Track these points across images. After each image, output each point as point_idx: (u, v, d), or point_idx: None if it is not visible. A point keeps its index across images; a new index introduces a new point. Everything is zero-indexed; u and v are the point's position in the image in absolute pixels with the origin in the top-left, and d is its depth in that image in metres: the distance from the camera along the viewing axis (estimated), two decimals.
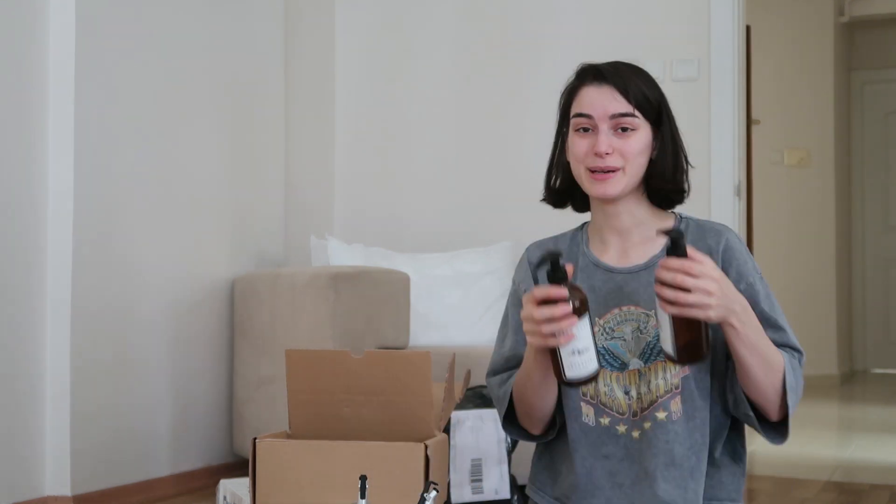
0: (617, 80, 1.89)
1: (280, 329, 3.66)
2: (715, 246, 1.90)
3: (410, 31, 4.72)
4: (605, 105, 1.89)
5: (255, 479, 2.13)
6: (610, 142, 1.88)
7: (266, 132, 4.23)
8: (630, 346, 1.89)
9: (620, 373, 1.89)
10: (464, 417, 3.11)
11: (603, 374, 1.88)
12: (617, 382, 1.89)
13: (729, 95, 4.15)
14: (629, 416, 1.88)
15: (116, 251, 3.49)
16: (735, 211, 4.12)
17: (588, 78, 1.93)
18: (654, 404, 1.86)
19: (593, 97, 1.90)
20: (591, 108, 1.89)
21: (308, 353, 2.16)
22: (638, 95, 1.89)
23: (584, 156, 1.90)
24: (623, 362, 1.89)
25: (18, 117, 3.25)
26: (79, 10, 3.33)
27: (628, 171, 1.89)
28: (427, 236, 4.53)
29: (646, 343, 1.88)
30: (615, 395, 1.89)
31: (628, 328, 1.89)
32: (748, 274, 1.89)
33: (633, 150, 1.89)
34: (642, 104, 1.90)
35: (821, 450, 4.89)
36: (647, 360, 1.87)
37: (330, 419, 2.15)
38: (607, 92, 1.89)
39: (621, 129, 1.88)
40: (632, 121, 1.88)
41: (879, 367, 8.49)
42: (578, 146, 1.91)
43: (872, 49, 8.51)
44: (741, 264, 1.89)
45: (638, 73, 1.93)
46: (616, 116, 1.88)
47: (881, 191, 8.48)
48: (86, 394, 3.34)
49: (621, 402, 1.89)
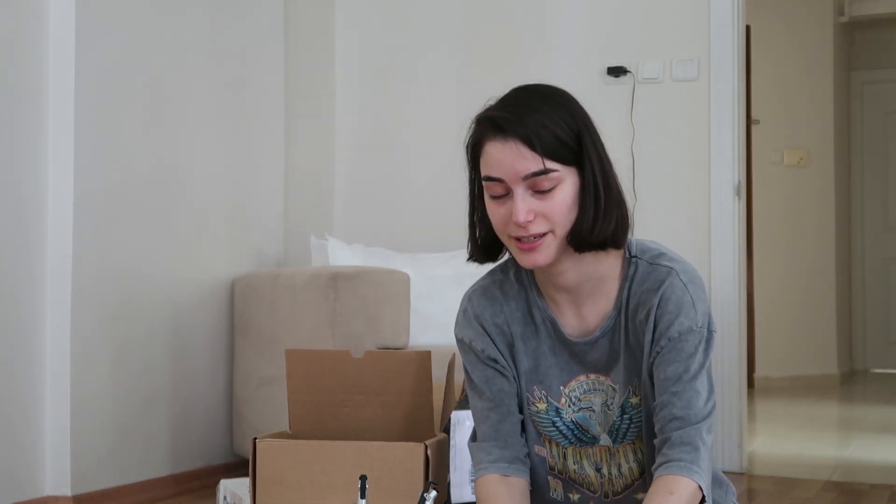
0: (519, 132, 1.57)
1: (280, 329, 3.66)
2: (653, 301, 1.63)
3: (410, 30, 4.72)
4: (514, 165, 1.57)
5: (255, 479, 2.13)
6: (529, 206, 1.57)
7: (266, 132, 4.23)
8: (599, 419, 1.69)
9: (590, 447, 1.71)
10: (464, 417, 3.10)
11: (572, 451, 1.72)
12: (587, 459, 1.72)
13: (729, 95, 4.15)
14: (601, 495, 1.72)
15: (116, 252, 3.49)
16: (735, 211, 4.12)
17: (489, 130, 1.60)
18: (629, 488, 1.71)
19: (499, 157, 1.58)
20: (500, 170, 1.58)
21: (308, 353, 2.17)
22: (547, 144, 1.57)
23: (504, 225, 1.61)
24: (593, 437, 1.70)
25: (18, 117, 3.25)
26: (79, 10, 3.33)
27: (559, 232, 1.60)
28: (427, 236, 4.53)
29: (612, 421, 1.69)
30: (585, 472, 1.72)
31: (598, 399, 1.69)
32: (676, 327, 1.61)
33: (557, 210, 1.58)
34: (556, 152, 1.57)
35: (821, 450, 4.90)
36: (615, 441, 1.69)
37: (330, 419, 2.15)
38: (513, 148, 1.57)
39: (539, 190, 1.58)
40: (548, 178, 1.57)
41: (879, 367, 8.49)
42: (496, 215, 1.61)
43: (872, 49, 8.51)
44: (672, 317, 1.61)
45: (543, 108, 1.59)
46: (529, 177, 1.57)
47: (881, 191, 8.48)
48: (86, 394, 3.34)
49: (592, 480, 1.73)
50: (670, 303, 1.62)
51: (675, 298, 1.62)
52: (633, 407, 1.66)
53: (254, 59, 4.17)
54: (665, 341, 1.61)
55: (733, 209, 4.12)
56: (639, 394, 1.65)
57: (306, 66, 4.57)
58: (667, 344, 1.61)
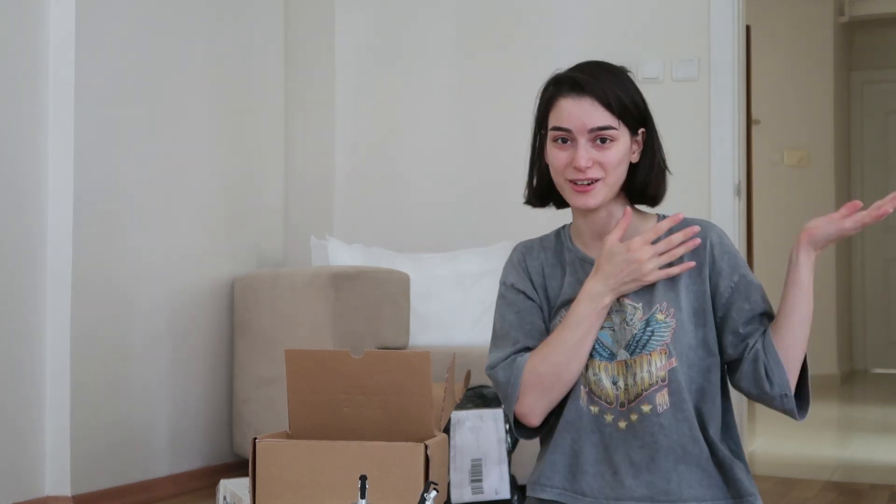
0: (597, 91, 1.89)
1: (280, 329, 3.66)
2: (703, 239, 1.91)
3: (410, 30, 4.72)
4: (584, 119, 1.88)
5: (255, 479, 2.13)
6: (589, 155, 1.88)
7: (266, 132, 4.23)
8: (617, 337, 1.92)
9: (609, 363, 1.92)
10: (464, 417, 3.11)
11: (591, 363, 1.92)
12: (605, 372, 1.92)
13: (729, 95, 4.15)
14: (616, 406, 1.91)
15: (116, 251, 3.49)
16: (735, 211, 4.12)
17: (565, 89, 1.91)
18: (639, 397, 1.89)
19: (571, 110, 1.89)
20: (570, 121, 1.89)
21: (308, 353, 2.16)
22: (619, 104, 1.89)
23: (564, 168, 1.91)
24: (612, 352, 1.92)
25: (18, 117, 3.25)
26: (79, 10, 3.33)
27: (608, 181, 1.90)
28: (427, 236, 4.53)
29: (632, 335, 1.90)
30: (603, 384, 1.91)
31: (616, 318, 1.92)
32: (740, 266, 1.92)
33: (612, 162, 1.89)
34: (624, 113, 1.90)
35: (821, 450, 4.90)
36: (632, 353, 1.90)
37: (330, 419, 2.15)
38: (586, 104, 1.88)
39: (600, 140, 1.88)
40: (611, 133, 1.88)
41: (879, 367, 8.50)
42: (557, 158, 1.91)
43: (872, 49, 8.51)
44: (731, 257, 1.92)
45: (618, 78, 1.93)
46: (595, 130, 1.88)
47: (881, 191, 8.47)
48: (86, 394, 3.34)
49: (609, 392, 1.91)
50: (726, 245, 1.93)
51: (728, 242, 1.94)
52: (658, 321, 1.90)
53: (254, 59, 4.17)
54: (738, 276, 1.90)
55: (733, 209, 4.12)
56: (665, 311, 1.90)
57: (306, 66, 4.57)
58: (740, 279, 1.90)
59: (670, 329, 1.89)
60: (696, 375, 1.90)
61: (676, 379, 1.87)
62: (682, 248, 1.88)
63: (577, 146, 1.88)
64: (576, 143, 1.88)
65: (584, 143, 1.88)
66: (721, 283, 1.91)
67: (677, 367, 1.88)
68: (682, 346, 1.89)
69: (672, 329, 1.89)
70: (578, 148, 1.88)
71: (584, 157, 1.87)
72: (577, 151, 1.87)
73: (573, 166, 1.88)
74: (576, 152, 1.88)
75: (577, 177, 1.89)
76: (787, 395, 1.87)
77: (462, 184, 4.59)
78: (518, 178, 4.88)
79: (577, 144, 1.88)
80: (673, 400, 1.87)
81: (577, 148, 1.88)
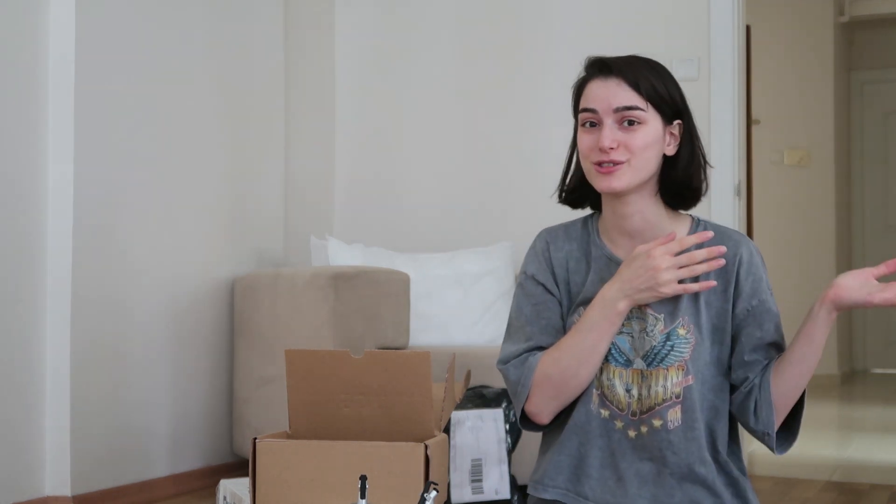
0: (625, 72, 1.85)
1: (280, 329, 3.66)
2: (731, 256, 1.87)
3: (411, 30, 4.72)
4: (609, 98, 1.84)
5: (255, 479, 2.13)
6: (614, 136, 1.83)
7: (266, 132, 4.23)
8: (635, 345, 1.89)
9: (625, 369, 1.89)
10: (464, 417, 3.11)
11: (606, 368, 1.89)
12: (619, 378, 1.89)
13: (729, 95, 4.15)
14: (627, 413, 1.89)
15: (116, 251, 3.49)
16: (735, 211, 4.12)
17: (594, 71, 1.89)
18: (651, 410, 1.87)
19: (598, 91, 1.86)
20: (596, 101, 1.86)
21: (308, 353, 2.16)
22: (649, 88, 1.85)
23: (589, 151, 1.87)
24: (628, 359, 1.89)
25: (18, 116, 3.25)
26: (79, 10, 3.33)
27: (634, 164, 1.84)
28: (427, 236, 4.53)
29: (651, 346, 1.88)
30: (616, 390, 1.89)
31: (636, 325, 1.89)
32: (762, 291, 1.88)
33: (638, 144, 1.84)
34: (653, 97, 1.86)
35: (821, 450, 4.89)
36: (649, 364, 1.87)
37: (330, 419, 2.15)
38: (613, 85, 1.85)
39: (627, 122, 1.84)
40: (638, 114, 1.84)
41: (879, 367, 8.49)
42: (584, 141, 1.88)
43: (872, 49, 8.51)
44: (756, 280, 1.88)
45: (653, 68, 1.89)
46: (620, 110, 1.84)
47: (881, 191, 8.48)
48: (86, 394, 3.34)
49: (621, 399, 1.89)
50: (754, 266, 1.88)
51: (757, 262, 1.89)
52: (679, 336, 1.87)
53: (254, 59, 4.17)
54: (756, 301, 1.87)
55: (733, 209, 4.12)
56: (686, 327, 1.86)
57: (306, 67, 4.57)
58: (758, 305, 1.87)
59: (690, 345, 1.87)
60: (709, 393, 1.89)
61: (691, 397, 1.86)
62: (703, 266, 1.81)
63: (603, 127, 1.84)
64: (602, 125, 1.85)
65: (610, 124, 1.84)
66: (739, 304, 1.88)
67: (693, 385, 1.86)
68: (700, 363, 1.87)
69: (692, 346, 1.87)
70: (604, 128, 1.84)
71: (609, 137, 1.83)
72: (602, 131, 1.84)
73: (598, 147, 1.84)
74: (601, 133, 1.84)
75: (602, 158, 1.84)
76: (769, 434, 1.87)
77: (462, 184, 4.59)
78: (518, 178, 4.91)
79: (603, 125, 1.84)
80: (685, 417, 1.85)
81: (603, 129, 1.84)
